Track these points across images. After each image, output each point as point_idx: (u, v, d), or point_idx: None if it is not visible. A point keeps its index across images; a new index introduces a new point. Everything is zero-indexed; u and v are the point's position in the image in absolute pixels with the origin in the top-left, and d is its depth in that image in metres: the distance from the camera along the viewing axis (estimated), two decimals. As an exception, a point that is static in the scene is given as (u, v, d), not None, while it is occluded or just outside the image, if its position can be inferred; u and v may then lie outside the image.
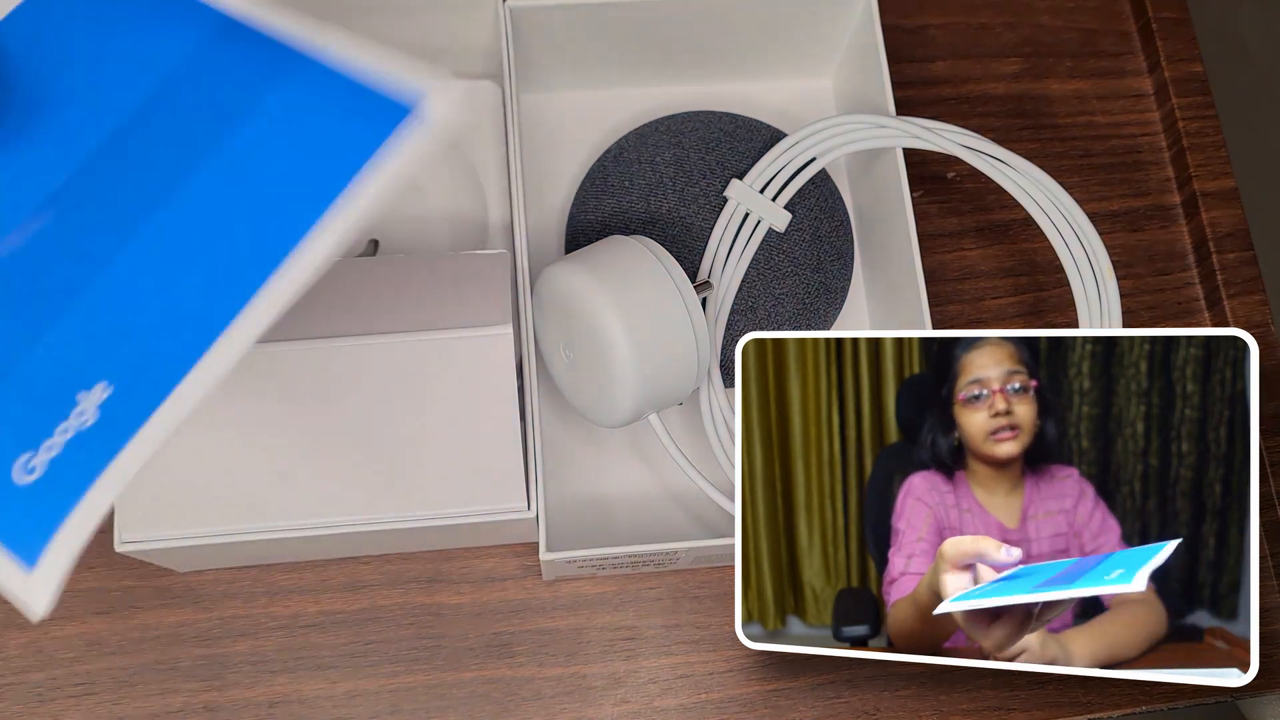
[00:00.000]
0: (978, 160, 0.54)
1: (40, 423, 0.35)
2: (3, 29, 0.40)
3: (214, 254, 0.36)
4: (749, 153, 0.56)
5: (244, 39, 0.38)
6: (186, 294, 0.36)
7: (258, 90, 0.38)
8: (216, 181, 0.37)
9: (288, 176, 0.36)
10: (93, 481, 0.34)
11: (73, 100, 0.39)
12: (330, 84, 0.37)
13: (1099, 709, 0.55)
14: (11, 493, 0.34)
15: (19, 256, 0.38)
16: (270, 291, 0.35)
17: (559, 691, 0.53)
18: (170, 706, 0.52)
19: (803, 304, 0.55)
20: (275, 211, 0.36)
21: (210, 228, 0.36)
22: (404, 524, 0.48)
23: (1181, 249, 0.64)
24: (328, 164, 0.36)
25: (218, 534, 0.47)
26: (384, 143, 0.35)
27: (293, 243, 0.35)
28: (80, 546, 0.33)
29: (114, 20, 0.40)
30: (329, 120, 0.36)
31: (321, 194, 0.35)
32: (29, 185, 0.38)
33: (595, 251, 0.50)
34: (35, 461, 0.35)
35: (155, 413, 0.34)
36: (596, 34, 0.58)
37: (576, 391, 0.52)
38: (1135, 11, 0.68)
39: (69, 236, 0.37)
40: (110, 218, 0.37)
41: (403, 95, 0.36)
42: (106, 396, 0.35)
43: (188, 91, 0.38)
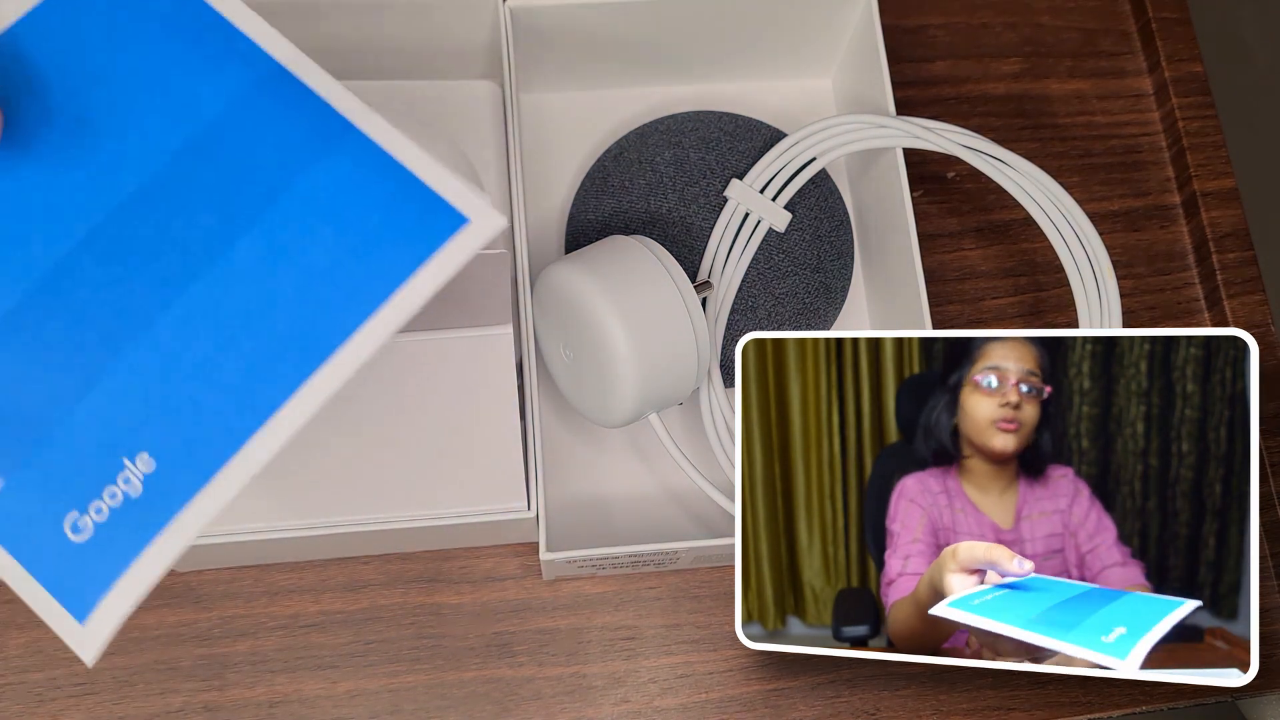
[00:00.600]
0: (978, 160, 0.54)
1: (88, 483, 0.35)
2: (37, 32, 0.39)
3: (257, 337, 0.36)
4: (749, 153, 0.56)
5: (291, 92, 0.38)
6: (229, 376, 0.36)
7: (304, 156, 0.37)
8: (260, 254, 0.36)
9: (335, 264, 0.36)
10: (139, 553, 0.35)
11: (114, 130, 0.38)
12: (377, 164, 0.37)
13: (1099, 709, 0.55)
14: (66, 549, 0.35)
15: (58, 296, 0.37)
16: (314, 385, 0.35)
17: (559, 691, 0.53)
18: (170, 706, 0.52)
19: (803, 304, 0.55)
20: (322, 302, 0.36)
21: (253, 306, 0.36)
22: (404, 524, 0.48)
23: (1181, 249, 0.64)
24: (377, 259, 0.36)
25: (217, 534, 0.47)
26: (440, 248, 0.35)
27: (339, 340, 0.35)
28: (129, 610, 0.34)
29: (161, 50, 0.38)
30: (379, 208, 0.36)
31: (370, 292, 0.35)
32: (68, 214, 0.38)
33: (595, 251, 0.50)
34: (83, 522, 0.35)
35: (197, 496, 0.35)
36: (596, 34, 0.58)
37: (576, 391, 0.52)
38: (1135, 11, 0.68)
39: (109, 287, 0.37)
40: (152, 276, 0.37)
41: (457, 200, 0.36)
42: (150, 470, 0.35)
43: (232, 142, 0.37)
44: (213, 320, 0.36)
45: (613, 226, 0.56)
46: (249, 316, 0.36)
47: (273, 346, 0.36)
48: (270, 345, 0.36)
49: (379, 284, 0.35)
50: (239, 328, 0.36)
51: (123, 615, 0.35)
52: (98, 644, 0.35)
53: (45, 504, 0.36)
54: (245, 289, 0.36)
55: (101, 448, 0.36)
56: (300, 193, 0.37)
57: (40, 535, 0.35)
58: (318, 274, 0.36)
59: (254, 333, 0.36)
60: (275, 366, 0.35)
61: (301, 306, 0.36)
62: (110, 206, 0.37)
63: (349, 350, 0.35)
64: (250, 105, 0.38)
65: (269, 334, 0.36)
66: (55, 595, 0.35)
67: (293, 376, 0.35)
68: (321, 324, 0.35)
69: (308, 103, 0.37)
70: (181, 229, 0.37)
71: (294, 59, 0.38)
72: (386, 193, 0.36)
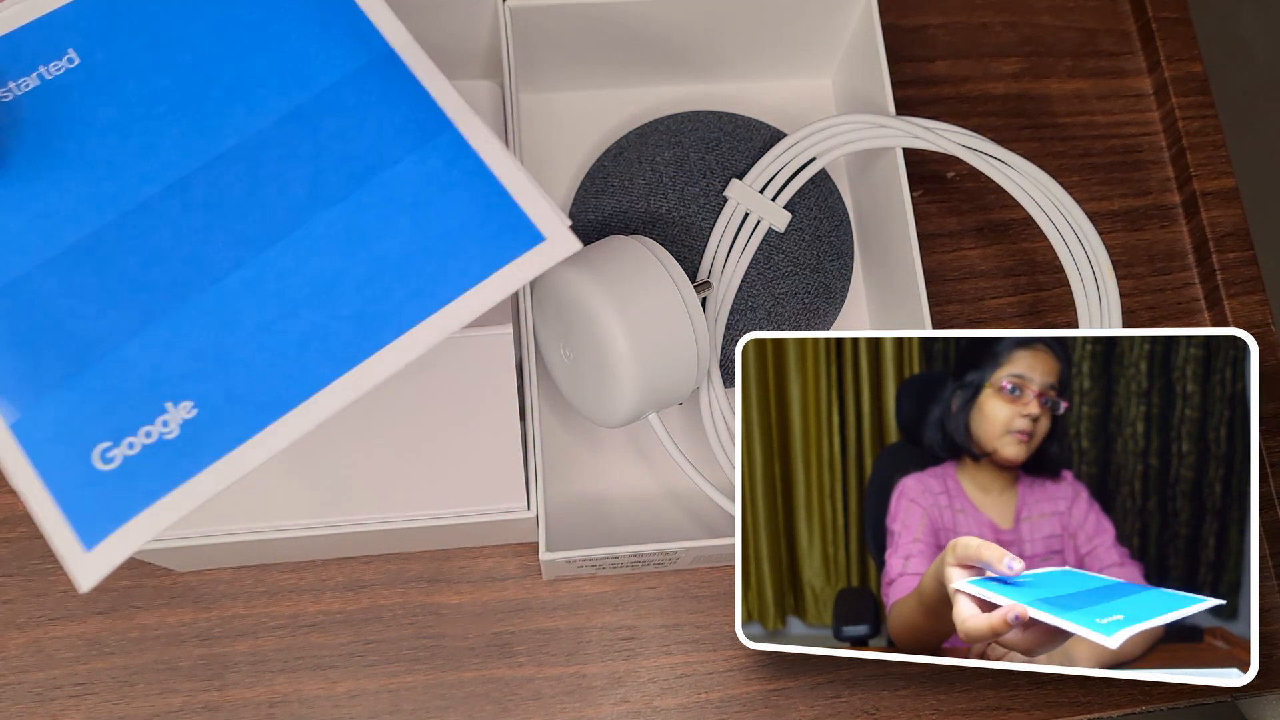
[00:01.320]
0: (978, 160, 0.54)
1: (125, 417, 0.36)
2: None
3: (319, 312, 0.36)
4: (749, 153, 0.56)
5: (399, 79, 0.38)
6: (285, 344, 0.36)
7: (400, 145, 0.38)
8: (338, 233, 0.37)
9: (407, 257, 0.36)
10: (163, 495, 0.35)
11: (225, 84, 0.39)
12: (468, 166, 0.37)
13: (1099, 709, 0.55)
14: (90, 475, 0.36)
15: (139, 233, 0.38)
16: (364, 371, 0.36)
17: (559, 691, 0.53)
18: (170, 706, 0.52)
19: (803, 304, 0.55)
20: (388, 292, 0.36)
21: (322, 282, 0.37)
22: (404, 524, 0.48)
23: (1181, 249, 0.64)
24: (450, 257, 0.36)
25: (217, 534, 0.47)
26: (512, 261, 0.36)
27: (396, 331, 0.36)
28: (136, 548, 0.35)
29: (285, 14, 0.39)
30: (461, 210, 0.37)
31: (436, 291, 0.36)
32: (165, 156, 0.38)
33: (595, 251, 0.50)
34: (113, 454, 0.36)
35: (231, 453, 0.35)
36: (596, 34, 0.58)
37: (576, 391, 0.52)
38: (1135, 11, 0.68)
39: (189, 236, 0.37)
40: (233, 233, 0.37)
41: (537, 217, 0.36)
42: (191, 416, 0.36)
43: (335, 117, 0.38)
44: (280, 288, 0.37)
45: (613, 226, 0.56)
46: (316, 291, 0.37)
47: (332, 325, 0.36)
48: (330, 323, 0.36)
49: (446, 285, 0.36)
50: (304, 300, 0.37)
51: (129, 552, 0.35)
52: (97, 574, 0.35)
53: (79, 427, 0.36)
54: (317, 263, 0.37)
55: (146, 386, 0.36)
56: (389, 180, 0.37)
57: (67, 456, 0.36)
58: (389, 263, 0.37)
59: (317, 307, 0.36)
60: (331, 344, 0.36)
61: (368, 291, 0.36)
62: (208, 157, 0.38)
63: (404, 344, 0.36)
64: (359, 85, 0.38)
65: (331, 311, 0.36)
66: (68, 516, 0.35)
67: (345, 358, 0.36)
68: (383, 312, 0.36)
69: (413, 93, 0.38)
70: (271, 194, 0.38)
71: (407, 47, 0.39)
72: (471, 197, 0.37)
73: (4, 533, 0.54)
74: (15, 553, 0.54)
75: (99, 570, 0.35)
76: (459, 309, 0.36)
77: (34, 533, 0.54)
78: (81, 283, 0.37)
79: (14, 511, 0.54)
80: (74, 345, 0.37)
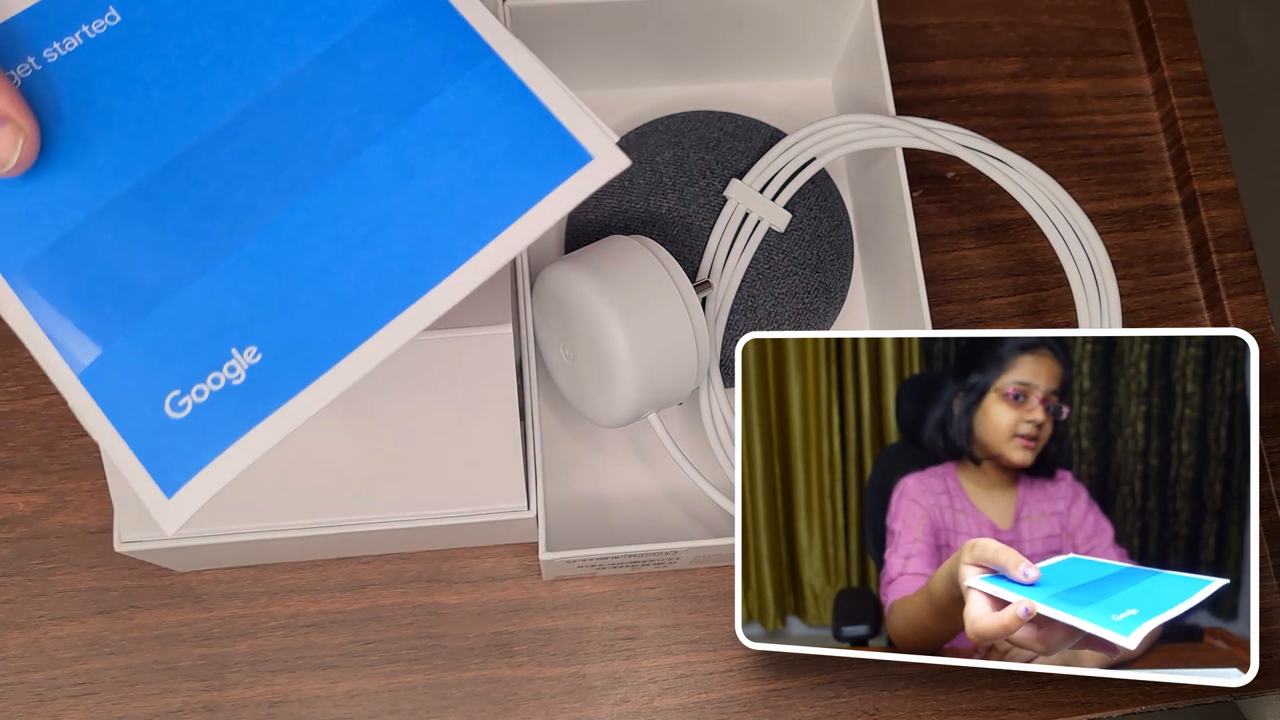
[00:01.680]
0: (977, 160, 0.54)
1: (193, 364, 0.36)
2: None
3: (374, 251, 0.36)
4: (749, 153, 0.56)
5: (437, 9, 0.38)
6: (343, 285, 0.36)
7: (441, 76, 0.37)
8: (385, 170, 0.37)
9: (456, 189, 0.36)
10: (234, 440, 0.36)
11: (263, 27, 0.38)
12: (511, 91, 0.37)
13: (1099, 709, 0.55)
14: (164, 424, 0.36)
15: (192, 180, 0.38)
16: (423, 306, 0.36)
17: (559, 691, 0.53)
18: (170, 706, 0.52)
19: (803, 304, 0.55)
20: (440, 226, 0.36)
21: (374, 221, 0.37)
22: (404, 524, 0.48)
23: (1181, 249, 0.64)
24: (500, 185, 0.36)
25: (217, 534, 0.47)
26: (561, 184, 0.36)
27: (450, 266, 0.36)
28: (214, 492, 0.36)
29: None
30: (506, 136, 0.37)
31: (487, 221, 0.36)
32: (210, 101, 0.38)
33: (595, 251, 0.50)
34: (184, 401, 0.36)
35: (297, 395, 0.36)
36: (596, 34, 0.58)
37: (576, 391, 0.52)
38: (1135, 11, 0.68)
39: (240, 182, 0.38)
40: (284, 178, 0.37)
41: (583, 137, 0.36)
42: (256, 363, 0.36)
43: (373, 52, 0.38)
44: (333, 229, 0.37)
45: (612, 226, 0.56)
46: (369, 230, 0.37)
47: (387, 263, 0.36)
48: (385, 261, 0.36)
49: (497, 214, 0.36)
50: (358, 240, 0.37)
51: (207, 497, 0.36)
52: (180, 519, 0.36)
53: (148, 376, 0.36)
54: (367, 203, 0.37)
55: (210, 333, 0.36)
56: (432, 112, 0.37)
57: (140, 406, 0.36)
58: (439, 197, 0.36)
59: (371, 246, 0.36)
60: (387, 283, 0.36)
61: (420, 227, 0.36)
62: (251, 100, 0.38)
63: (459, 277, 0.36)
64: (396, 17, 0.38)
65: (385, 250, 0.36)
66: (147, 466, 0.36)
67: (403, 296, 0.36)
68: (437, 247, 0.36)
69: (451, 22, 0.38)
70: (318, 135, 0.38)
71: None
72: (516, 121, 0.37)
73: (4, 533, 0.54)
74: (15, 553, 0.54)
75: (182, 515, 0.36)
76: (513, 237, 0.36)
77: (34, 533, 0.54)
78: (136, 234, 0.37)
79: (14, 512, 0.54)
80: (135, 296, 0.37)
